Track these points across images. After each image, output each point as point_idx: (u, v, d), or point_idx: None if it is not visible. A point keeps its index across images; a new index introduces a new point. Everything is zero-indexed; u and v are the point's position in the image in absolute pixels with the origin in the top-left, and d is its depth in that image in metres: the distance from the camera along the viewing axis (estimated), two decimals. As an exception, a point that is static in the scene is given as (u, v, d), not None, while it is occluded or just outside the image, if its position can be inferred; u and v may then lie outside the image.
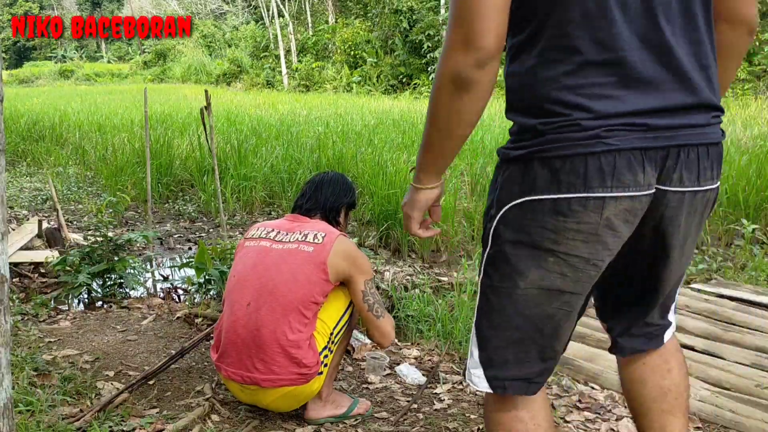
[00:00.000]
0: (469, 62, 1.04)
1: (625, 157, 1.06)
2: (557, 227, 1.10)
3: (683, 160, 1.10)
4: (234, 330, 2.07)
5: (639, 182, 1.08)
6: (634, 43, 1.06)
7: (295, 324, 2.02)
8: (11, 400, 1.42)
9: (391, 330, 2.21)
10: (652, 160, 1.08)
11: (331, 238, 2.11)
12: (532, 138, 1.11)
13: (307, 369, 2.03)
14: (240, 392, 2.14)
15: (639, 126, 1.06)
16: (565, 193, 1.08)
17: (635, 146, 1.06)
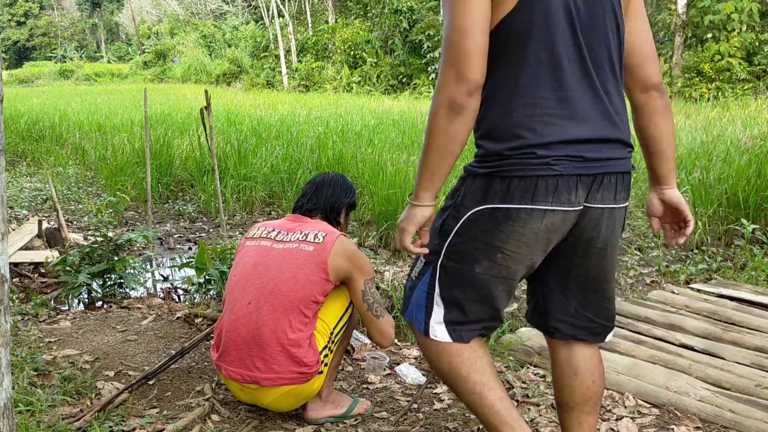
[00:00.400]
0: (462, 92, 1.35)
1: (565, 180, 1.39)
2: (507, 230, 1.43)
3: (605, 184, 1.45)
4: (235, 329, 2.07)
5: (572, 201, 1.42)
6: (576, 86, 1.40)
7: (296, 323, 2.03)
8: (11, 400, 1.42)
9: (391, 330, 2.21)
10: (584, 184, 1.42)
11: (331, 237, 2.12)
12: (497, 160, 1.41)
13: (308, 368, 2.03)
14: (240, 391, 2.14)
15: (577, 158, 1.39)
16: (517, 204, 1.40)
17: (573, 173, 1.40)
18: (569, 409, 1.70)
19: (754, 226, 4.40)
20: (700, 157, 6.45)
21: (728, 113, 11.28)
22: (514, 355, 2.86)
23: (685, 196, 5.37)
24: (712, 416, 2.27)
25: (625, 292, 3.94)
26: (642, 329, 3.15)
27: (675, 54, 15.89)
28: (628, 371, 2.62)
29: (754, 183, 4.71)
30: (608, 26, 1.44)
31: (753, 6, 14.75)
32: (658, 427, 2.24)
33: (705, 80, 14.98)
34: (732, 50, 14.77)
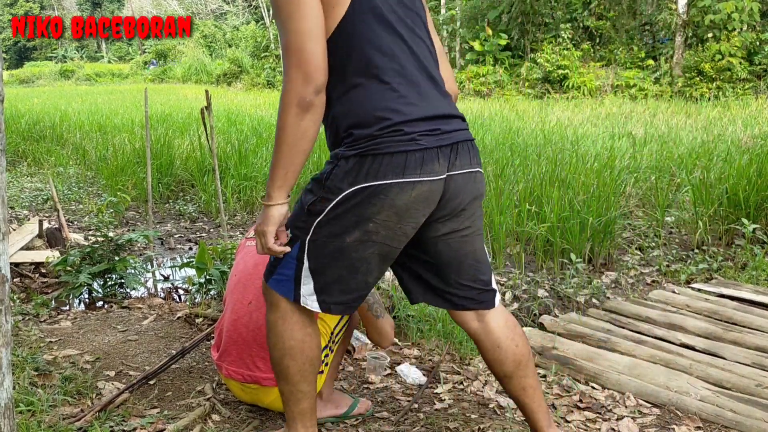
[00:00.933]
0: (309, 91, 1.46)
1: (429, 153, 1.53)
2: (380, 203, 1.52)
3: (461, 152, 1.60)
4: (235, 328, 2.07)
5: (436, 171, 1.54)
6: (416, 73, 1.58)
7: None
8: (12, 400, 1.42)
9: (390, 330, 2.20)
10: (444, 154, 1.56)
11: None
12: (366, 141, 1.51)
13: None
14: (241, 391, 2.14)
15: (436, 131, 1.55)
16: (390, 179, 1.51)
17: (435, 146, 1.54)
18: (508, 379, 1.80)
19: (754, 226, 4.40)
20: (700, 157, 6.45)
21: (729, 113, 11.28)
22: (515, 354, 2.86)
23: (686, 196, 5.37)
24: (712, 416, 2.27)
25: (626, 291, 3.94)
26: (643, 329, 3.15)
27: (675, 54, 15.88)
28: (628, 371, 2.62)
29: (754, 183, 4.71)
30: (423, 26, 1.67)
31: (753, 5, 14.75)
32: (658, 426, 2.24)
33: (705, 80, 14.97)
34: (732, 50, 14.76)
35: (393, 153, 1.50)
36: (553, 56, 17.15)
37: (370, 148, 1.50)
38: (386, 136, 1.51)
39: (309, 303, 1.64)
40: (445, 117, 1.60)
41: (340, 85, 1.55)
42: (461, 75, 18.66)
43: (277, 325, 1.68)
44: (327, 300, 1.64)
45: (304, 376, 1.70)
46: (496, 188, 4.89)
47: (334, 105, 1.57)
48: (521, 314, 3.61)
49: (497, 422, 2.22)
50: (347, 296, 1.66)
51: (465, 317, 1.80)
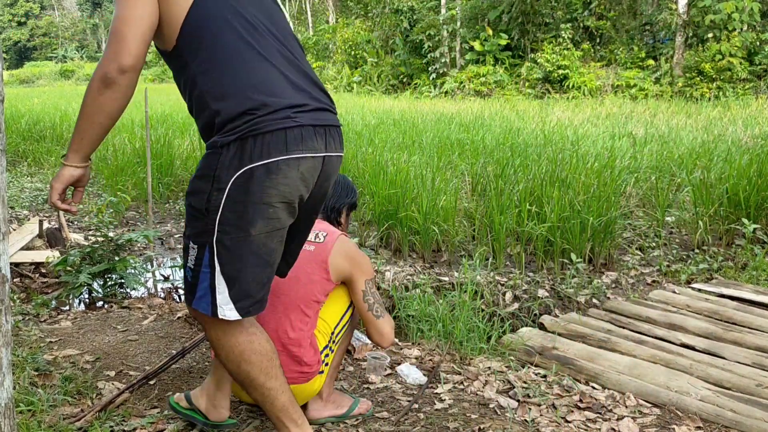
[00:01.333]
0: (113, 68, 1.50)
1: (307, 130, 1.58)
2: (271, 184, 1.54)
3: (333, 135, 1.67)
4: None
5: (317, 148, 1.61)
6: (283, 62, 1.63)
7: (297, 322, 2.03)
8: (12, 400, 1.42)
9: (391, 331, 2.20)
10: (320, 134, 1.62)
11: (332, 237, 2.12)
12: (244, 124, 1.53)
13: (308, 367, 2.03)
14: (241, 391, 2.14)
15: (310, 110, 1.61)
16: (275, 157, 1.54)
17: (311, 123, 1.59)
18: None
19: (755, 226, 4.40)
20: (701, 157, 6.44)
21: (729, 113, 11.27)
22: (515, 354, 2.86)
23: (686, 196, 5.37)
24: (713, 416, 2.27)
25: (626, 291, 3.94)
26: (643, 329, 3.15)
27: (676, 53, 15.88)
28: (629, 371, 2.62)
29: (755, 183, 4.71)
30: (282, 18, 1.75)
31: (754, 5, 14.75)
32: (659, 426, 2.24)
33: (706, 80, 14.98)
34: (733, 50, 14.76)
35: (272, 131, 1.54)
36: (553, 56, 17.15)
37: (248, 130, 1.53)
38: (262, 116, 1.54)
39: (227, 314, 1.61)
40: (317, 102, 1.66)
41: (204, 63, 1.58)
42: (461, 75, 18.66)
43: (219, 340, 1.68)
44: (245, 305, 1.63)
45: (267, 375, 1.70)
46: (497, 188, 4.88)
47: (198, 83, 1.59)
48: (522, 314, 3.61)
49: (497, 422, 2.22)
50: (262, 292, 1.66)
51: None
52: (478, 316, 3.29)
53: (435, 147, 7.50)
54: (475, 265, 3.99)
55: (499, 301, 3.77)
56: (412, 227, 4.71)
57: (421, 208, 4.66)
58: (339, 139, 1.71)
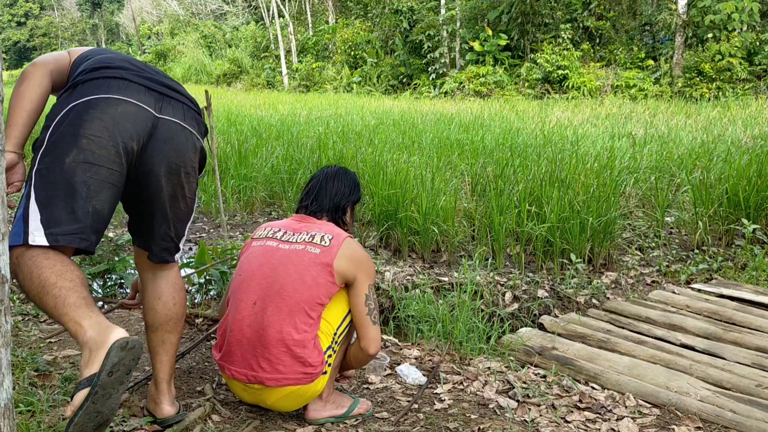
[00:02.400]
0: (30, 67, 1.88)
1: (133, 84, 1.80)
2: (89, 117, 1.71)
3: (172, 104, 1.86)
4: (240, 329, 2.07)
5: (142, 99, 1.79)
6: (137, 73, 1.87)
7: (301, 324, 2.03)
8: (12, 400, 1.42)
9: (380, 338, 2.20)
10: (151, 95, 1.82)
11: (338, 240, 2.11)
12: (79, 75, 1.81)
13: (312, 368, 2.03)
14: (243, 392, 2.13)
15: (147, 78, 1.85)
16: (96, 95, 1.74)
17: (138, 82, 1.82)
18: (154, 330, 2.00)
19: (754, 226, 4.40)
20: (700, 157, 6.45)
21: (729, 113, 11.28)
22: (515, 355, 2.86)
23: (686, 196, 5.37)
24: (712, 416, 2.27)
25: (626, 292, 3.94)
26: (643, 329, 3.15)
27: (675, 54, 15.89)
28: (628, 371, 2.62)
29: (754, 183, 4.71)
30: None
31: (753, 6, 14.75)
32: (658, 427, 2.24)
33: (705, 80, 14.97)
34: (732, 50, 14.76)
35: (98, 78, 1.78)
36: (552, 56, 17.15)
37: (80, 78, 1.78)
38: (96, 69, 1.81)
39: (37, 239, 1.64)
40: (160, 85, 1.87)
41: None
42: (461, 75, 18.67)
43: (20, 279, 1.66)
44: (55, 231, 1.66)
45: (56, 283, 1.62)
46: (496, 188, 4.89)
47: None
48: (521, 314, 3.61)
49: (497, 422, 2.22)
50: (76, 225, 1.68)
51: (142, 259, 1.99)
52: (478, 316, 3.29)
53: (435, 147, 7.50)
54: (475, 265, 3.99)
55: (499, 302, 3.77)
56: (411, 227, 4.71)
57: (421, 209, 4.66)
58: (183, 112, 1.87)
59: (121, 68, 1.84)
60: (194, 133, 1.91)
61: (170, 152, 1.83)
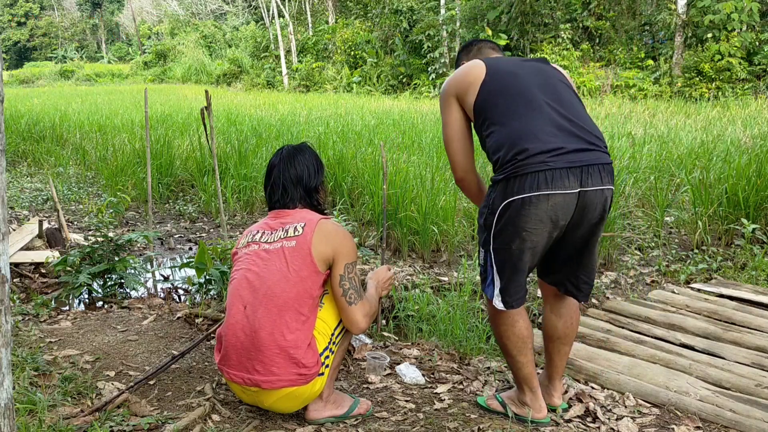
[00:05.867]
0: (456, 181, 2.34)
1: (557, 172, 1.97)
2: (525, 213, 1.99)
3: (591, 173, 2.01)
4: (233, 333, 2.08)
5: (566, 186, 1.98)
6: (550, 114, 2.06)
7: (293, 322, 2.03)
8: (12, 400, 1.42)
9: (362, 318, 2.15)
10: (574, 173, 1.98)
11: (311, 226, 2.10)
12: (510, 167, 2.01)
13: (307, 369, 2.03)
14: (243, 394, 2.14)
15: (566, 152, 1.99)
16: (527, 193, 1.97)
17: (563, 167, 1.97)
18: (552, 341, 2.30)
19: (754, 226, 4.40)
20: (700, 157, 6.45)
21: (728, 113, 11.27)
22: (515, 354, 2.86)
23: (685, 196, 5.37)
24: (712, 416, 2.27)
25: (626, 291, 3.94)
26: (642, 329, 3.16)
27: (675, 54, 15.89)
28: (628, 371, 2.62)
29: (754, 183, 4.71)
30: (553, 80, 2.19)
31: (753, 6, 14.74)
32: (658, 426, 2.24)
33: (705, 80, 14.97)
34: (732, 50, 14.76)
35: (527, 174, 1.97)
36: (552, 56, 17.14)
37: (511, 171, 1.99)
38: (521, 161, 1.98)
39: (497, 303, 2.12)
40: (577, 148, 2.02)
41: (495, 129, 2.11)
42: (461, 75, 18.65)
43: (492, 317, 2.20)
44: (506, 299, 2.11)
45: (519, 351, 2.17)
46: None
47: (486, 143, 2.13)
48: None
49: (496, 422, 2.22)
50: (519, 294, 2.11)
51: (546, 286, 2.30)
52: (478, 316, 3.29)
53: (434, 147, 7.50)
54: (475, 265, 3.99)
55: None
56: (411, 227, 4.71)
57: (421, 208, 4.66)
58: (599, 175, 2.02)
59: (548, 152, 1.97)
60: (611, 187, 2.08)
61: (592, 216, 2.06)
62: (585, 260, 2.18)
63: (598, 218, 2.08)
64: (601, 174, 2.04)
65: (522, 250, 2.03)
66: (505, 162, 2.02)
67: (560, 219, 2.00)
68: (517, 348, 2.16)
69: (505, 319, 2.15)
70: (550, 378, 2.35)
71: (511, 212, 1.99)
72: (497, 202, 2.03)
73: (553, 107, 2.08)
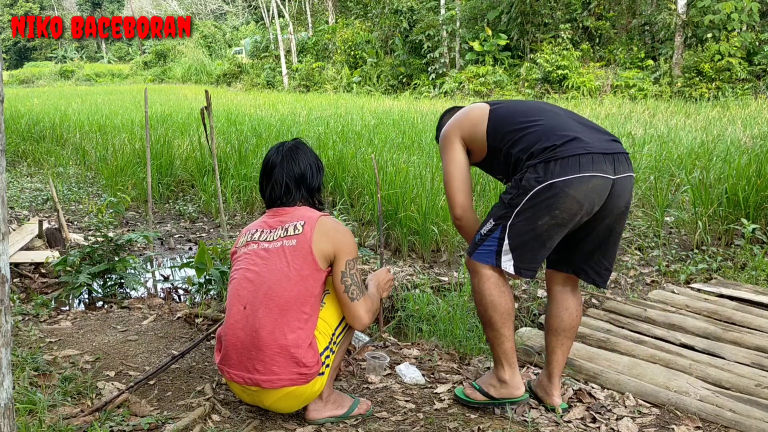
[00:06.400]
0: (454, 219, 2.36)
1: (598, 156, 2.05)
2: (565, 195, 2.02)
3: (621, 161, 2.11)
4: (234, 333, 2.08)
5: (605, 170, 2.05)
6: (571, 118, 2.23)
7: (294, 321, 2.02)
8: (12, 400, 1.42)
9: (365, 314, 2.15)
10: (609, 160, 2.07)
11: (311, 224, 2.10)
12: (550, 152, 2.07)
13: (307, 369, 2.03)
14: (243, 393, 2.14)
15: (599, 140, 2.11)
16: (570, 175, 2.02)
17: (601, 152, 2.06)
18: (556, 334, 2.32)
19: (754, 226, 4.40)
20: (700, 157, 6.45)
21: (728, 113, 11.27)
22: (515, 354, 2.86)
23: (685, 196, 5.37)
24: (712, 416, 2.27)
25: (626, 291, 3.94)
26: (642, 329, 3.16)
27: (675, 54, 15.89)
28: (628, 371, 2.62)
29: (754, 183, 4.71)
30: None
31: (753, 5, 14.74)
32: (658, 426, 2.24)
33: (705, 80, 14.97)
34: (732, 50, 14.76)
35: (570, 156, 2.02)
36: (552, 56, 17.14)
37: (551, 155, 2.04)
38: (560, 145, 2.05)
39: (505, 266, 2.13)
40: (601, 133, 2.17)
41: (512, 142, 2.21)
42: (461, 75, 18.67)
43: (478, 286, 2.19)
44: (519, 265, 2.13)
45: (504, 323, 2.18)
46: (496, 187, 4.89)
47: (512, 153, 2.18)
48: (521, 314, 3.61)
49: (496, 422, 2.22)
50: (533, 265, 2.14)
51: (556, 278, 2.33)
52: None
53: (434, 147, 7.50)
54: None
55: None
56: (411, 227, 4.71)
57: (421, 208, 4.66)
58: (626, 163, 2.12)
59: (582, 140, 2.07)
60: (633, 175, 2.18)
61: (621, 202, 2.13)
62: (610, 249, 2.24)
63: (624, 207, 2.15)
64: (627, 162, 2.14)
65: (550, 226, 2.07)
66: (541, 150, 2.07)
67: (595, 203, 2.06)
68: (502, 320, 2.18)
69: (494, 288, 2.17)
70: (550, 376, 2.36)
71: (550, 193, 2.02)
72: (533, 183, 2.05)
73: (567, 113, 2.24)
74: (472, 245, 2.22)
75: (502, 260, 2.13)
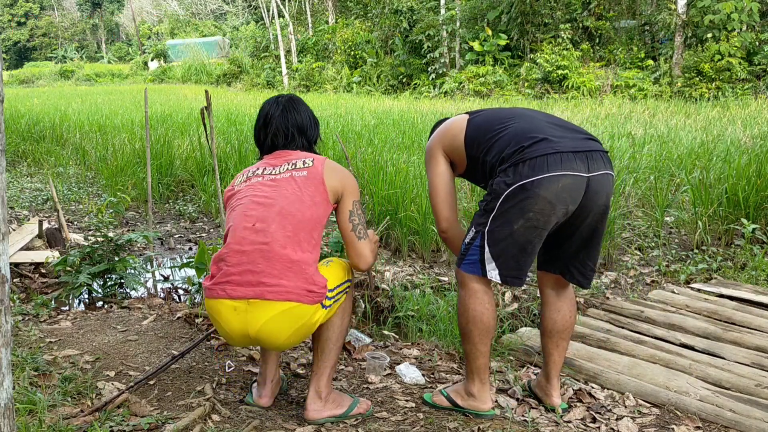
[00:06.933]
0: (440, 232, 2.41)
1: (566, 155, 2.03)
2: (534, 196, 2.01)
3: (595, 158, 2.08)
4: (240, 248, 1.99)
5: (575, 168, 2.03)
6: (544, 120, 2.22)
7: (305, 243, 2.01)
8: (12, 400, 1.42)
9: (370, 254, 2.17)
10: (580, 158, 2.05)
11: (319, 160, 2.13)
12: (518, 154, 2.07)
13: (317, 288, 1.98)
14: (231, 314, 1.99)
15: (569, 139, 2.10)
16: (538, 175, 2.01)
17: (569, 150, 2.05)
18: (550, 336, 2.33)
19: (754, 226, 4.40)
20: (700, 157, 6.45)
21: (728, 113, 11.27)
22: (515, 354, 2.87)
23: (685, 196, 5.37)
24: (712, 416, 2.27)
25: (626, 291, 3.94)
26: (642, 329, 3.16)
27: (675, 54, 15.88)
28: (628, 371, 2.62)
29: (754, 183, 4.71)
30: None
31: (753, 5, 14.74)
32: (658, 426, 2.24)
33: (705, 80, 14.96)
34: (732, 50, 14.75)
35: (538, 156, 2.01)
36: (552, 56, 17.14)
37: (519, 158, 2.04)
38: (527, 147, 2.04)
39: (492, 275, 2.13)
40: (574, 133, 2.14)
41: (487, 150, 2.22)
42: (461, 75, 18.67)
43: (463, 299, 2.20)
44: (503, 273, 2.12)
45: (481, 339, 2.18)
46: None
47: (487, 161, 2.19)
48: (521, 314, 3.61)
49: (496, 422, 2.22)
50: (519, 271, 2.13)
51: (547, 281, 2.33)
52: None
53: (434, 147, 7.49)
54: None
55: (499, 301, 3.77)
56: (411, 227, 4.71)
57: (421, 208, 4.66)
58: (602, 161, 2.10)
59: (550, 140, 2.06)
60: (612, 173, 2.16)
61: (600, 201, 2.11)
62: (593, 249, 2.24)
63: (604, 206, 2.13)
64: (603, 160, 2.11)
65: (526, 229, 2.05)
66: (510, 153, 2.06)
67: (569, 203, 2.03)
68: (480, 336, 2.18)
69: (479, 304, 2.17)
70: (548, 377, 2.36)
71: (521, 195, 2.01)
72: (503, 187, 2.05)
73: (544, 115, 2.24)
74: (459, 256, 2.22)
75: (487, 269, 2.13)
